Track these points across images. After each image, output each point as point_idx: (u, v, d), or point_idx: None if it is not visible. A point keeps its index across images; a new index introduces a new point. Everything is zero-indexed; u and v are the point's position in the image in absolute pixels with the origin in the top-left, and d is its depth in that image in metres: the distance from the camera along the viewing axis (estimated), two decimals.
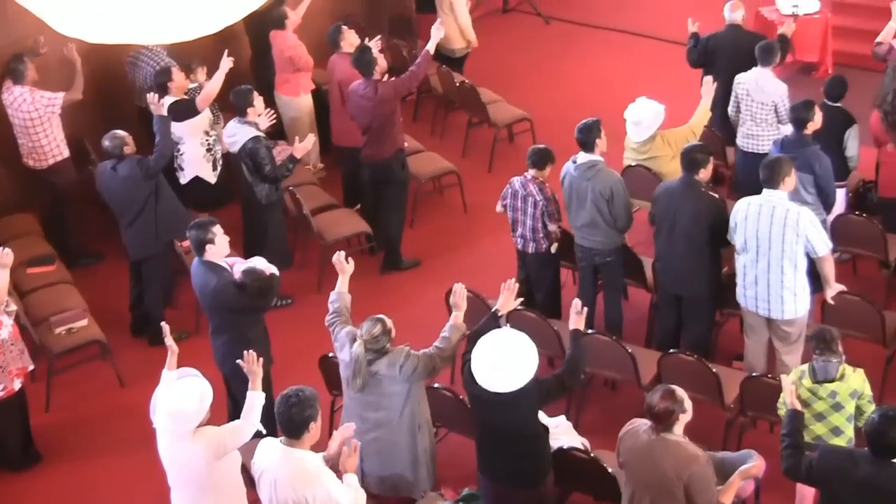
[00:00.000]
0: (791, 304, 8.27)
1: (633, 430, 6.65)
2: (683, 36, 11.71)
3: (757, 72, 10.34)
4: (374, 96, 10.30)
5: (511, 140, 12.98)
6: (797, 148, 9.11)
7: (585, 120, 9.06)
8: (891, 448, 6.08)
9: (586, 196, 8.96)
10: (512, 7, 16.48)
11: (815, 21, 13.61)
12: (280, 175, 10.04)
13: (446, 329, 7.43)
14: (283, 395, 6.39)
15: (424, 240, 11.39)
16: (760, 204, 8.19)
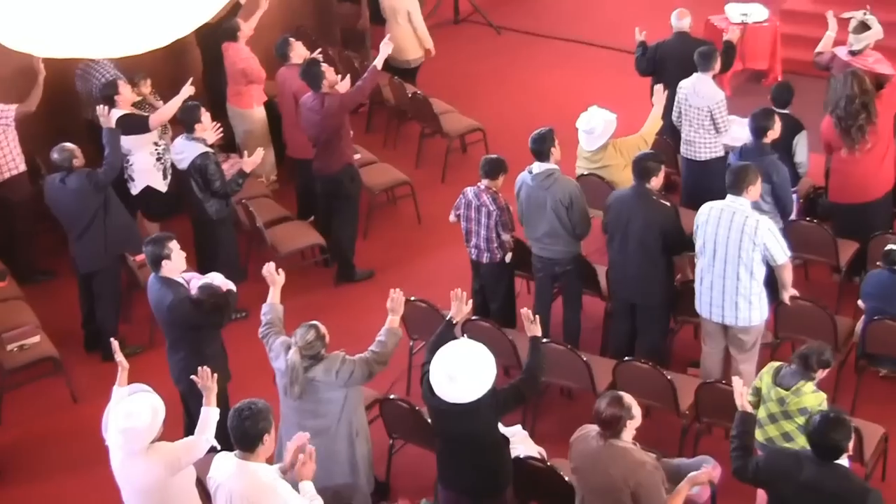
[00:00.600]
0: (746, 312, 8.30)
1: (583, 435, 6.69)
2: (632, 44, 11.77)
3: (696, 77, 10.42)
4: (321, 109, 10.29)
5: (464, 150, 13.00)
6: (756, 157, 9.14)
7: (539, 130, 9.08)
8: (832, 450, 6.15)
9: (545, 205, 8.97)
10: (463, 18, 16.50)
11: (764, 29, 13.71)
12: (230, 190, 10.00)
13: (382, 333, 7.44)
14: (236, 409, 6.37)
15: (378, 251, 11.38)
16: (722, 209, 8.24)
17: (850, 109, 9.43)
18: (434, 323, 8.34)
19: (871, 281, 8.61)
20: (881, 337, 8.57)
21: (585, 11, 16.63)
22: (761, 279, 8.27)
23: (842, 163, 9.71)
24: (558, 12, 16.70)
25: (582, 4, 16.88)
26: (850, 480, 6.20)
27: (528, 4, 17.15)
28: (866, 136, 9.48)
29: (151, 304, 8.22)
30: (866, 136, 9.48)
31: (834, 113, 9.53)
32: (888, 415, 8.53)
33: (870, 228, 9.66)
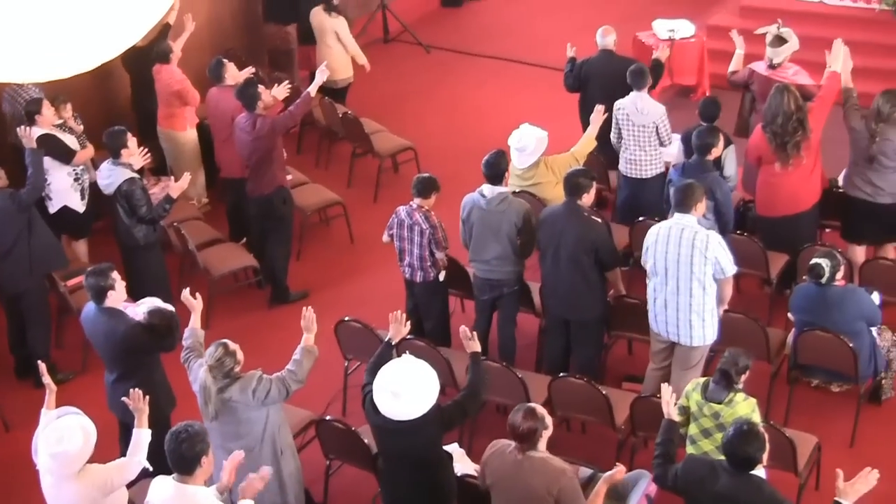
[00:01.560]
0: (699, 331, 8.36)
1: (497, 451, 6.73)
2: (561, 61, 11.84)
3: (634, 96, 10.47)
4: (253, 131, 10.25)
5: (395, 170, 13.00)
6: (699, 173, 9.21)
7: (491, 153, 9.08)
8: (746, 461, 6.23)
9: (500, 228, 8.97)
10: (393, 37, 16.53)
11: (691, 45, 13.86)
12: (156, 216, 9.91)
13: (297, 352, 7.44)
14: (173, 432, 6.32)
15: (312, 271, 11.34)
16: (670, 227, 8.28)
17: (788, 126, 9.50)
18: (368, 342, 8.33)
19: (800, 294, 8.70)
20: (811, 348, 8.65)
21: (514, 29, 16.73)
22: (713, 294, 8.32)
23: (772, 176, 9.80)
24: (487, 30, 16.80)
25: (510, 22, 16.98)
26: (762, 492, 6.28)
27: (456, 23, 17.26)
28: (801, 153, 9.59)
29: (92, 336, 8.15)
30: (801, 151, 9.58)
31: (769, 128, 9.60)
32: (820, 425, 8.64)
33: (798, 241, 9.75)
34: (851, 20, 14.34)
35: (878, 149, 9.56)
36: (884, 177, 9.68)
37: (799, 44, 10.81)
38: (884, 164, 9.62)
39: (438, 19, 17.34)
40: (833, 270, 8.40)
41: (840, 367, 8.61)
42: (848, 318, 8.47)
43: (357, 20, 15.02)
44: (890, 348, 8.91)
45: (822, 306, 8.49)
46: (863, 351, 8.51)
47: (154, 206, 9.85)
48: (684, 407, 7.42)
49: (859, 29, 14.16)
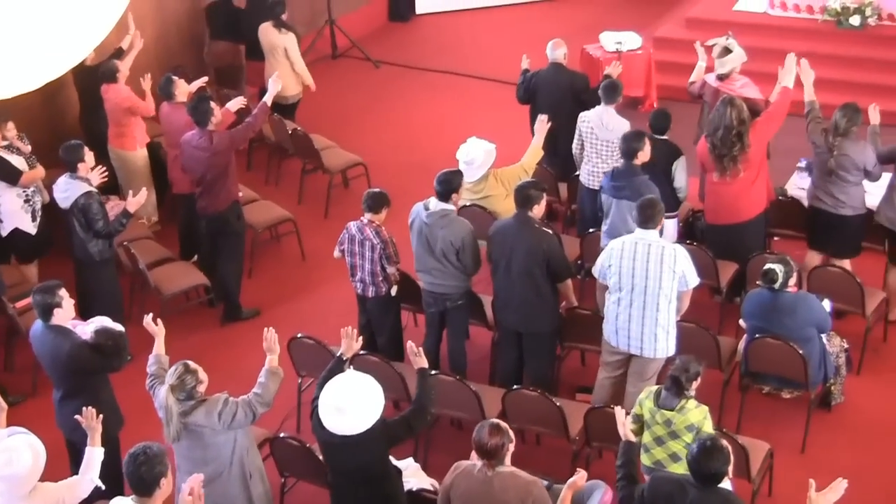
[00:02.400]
0: (663, 343, 8.42)
1: (463, 472, 6.72)
2: (510, 75, 11.90)
3: (601, 109, 10.52)
4: (210, 147, 10.20)
5: (346, 185, 12.98)
6: (627, 178, 9.32)
7: (447, 171, 9.09)
8: (710, 476, 6.25)
9: (436, 244, 8.98)
10: (341, 52, 16.52)
11: (638, 57, 13.96)
12: (113, 230, 9.85)
13: (262, 374, 7.40)
14: (131, 454, 6.27)
15: (264, 289, 11.30)
16: (635, 243, 8.32)
17: (727, 140, 9.59)
18: (322, 359, 8.31)
19: (751, 301, 8.76)
20: (763, 355, 8.72)
21: (463, 43, 16.77)
22: (675, 306, 8.40)
23: (714, 185, 9.90)
24: (436, 44, 16.83)
25: (459, 36, 17.03)
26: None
27: (405, 37, 17.28)
28: (738, 166, 9.66)
29: (40, 355, 8.08)
30: (738, 165, 9.66)
31: (710, 139, 9.69)
32: (773, 431, 8.73)
33: (746, 249, 9.84)
34: (795, 31, 14.51)
35: (836, 163, 9.66)
36: (844, 190, 9.78)
37: (745, 55, 10.90)
38: (843, 177, 9.72)
39: (387, 34, 17.35)
40: (786, 276, 8.48)
41: (791, 373, 8.67)
42: (799, 325, 8.55)
43: (305, 36, 14.98)
44: (839, 354, 9.01)
45: (774, 312, 8.57)
46: (813, 357, 8.59)
47: (111, 220, 9.80)
48: (637, 415, 7.47)
49: (803, 39, 14.31)
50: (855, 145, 9.66)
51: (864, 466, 8.44)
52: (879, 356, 9.74)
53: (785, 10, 14.75)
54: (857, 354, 9.46)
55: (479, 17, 17.67)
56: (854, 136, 9.67)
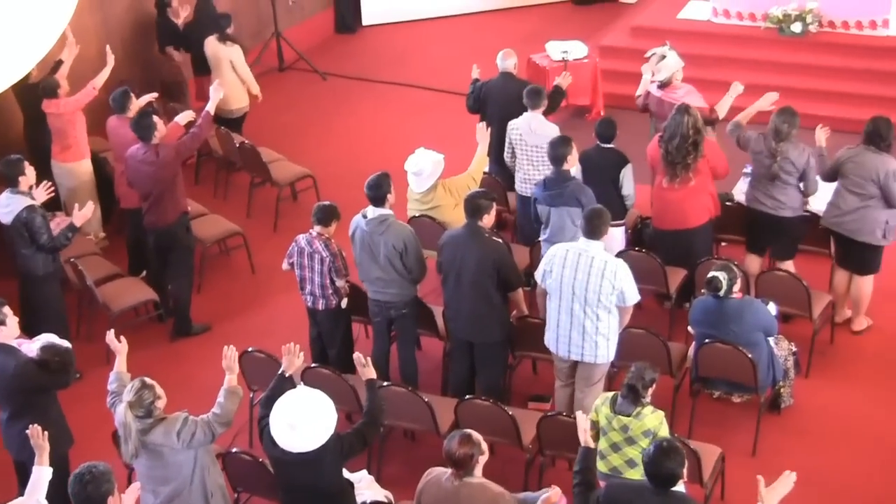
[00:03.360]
0: (604, 349, 8.44)
1: (432, 480, 6.71)
2: (457, 85, 11.93)
3: (528, 116, 10.57)
4: (156, 160, 10.15)
5: (294, 198, 12.95)
6: (560, 184, 9.38)
7: (374, 175, 9.08)
8: (667, 478, 6.28)
9: (379, 251, 8.98)
10: (288, 65, 16.49)
11: (584, 66, 14.03)
12: (58, 244, 9.78)
13: (221, 394, 7.35)
14: (76, 474, 6.23)
15: (214, 303, 11.25)
16: (579, 253, 8.33)
17: (682, 147, 9.65)
18: (273, 373, 8.23)
19: (698, 307, 8.82)
20: (712, 360, 8.78)
21: (410, 54, 16.80)
22: (616, 315, 8.44)
23: (662, 191, 9.96)
24: (383, 56, 16.84)
25: (406, 47, 17.05)
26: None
27: (352, 49, 17.28)
28: (690, 174, 9.74)
29: None
30: (690, 173, 9.74)
31: (664, 145, 9.74)
32: (724, 436, 8.78)
33: (694, 255, 9.91)
34: (739, 38, 14.66)
35: (779, 167, 9.77)
36: (784, 191, 9.88)
37: (682, 61, 10.98)
38: (784, 179, 9.83)
39: (334, 46, 17.33)
40: (730, 283, 8.52)
41: (740, 377, 8.73)
42: (746, 330, 8.60)
43: (251, 49, 14.95)
44: (787, 357, 9.08)
45: (721, 318, 8.62)
46: (761, 361, 8.65)
47: (56, 234, 9.72)
48: (593, 421, 7.49)
49: (746, 47, 14.50)
50: (796, 148, 9.78)
51: (814, 467, 8.51)
52: (827, 358, 9.84)
53: (728, 17, 14.89)
54: (804, 357, 9.55)
55: (426, 27, 17.71)
56: (795, 140, 9.78)
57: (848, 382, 9.63)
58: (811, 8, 14.23)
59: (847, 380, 9.66)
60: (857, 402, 9.40)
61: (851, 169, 9.66)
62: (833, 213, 9.90)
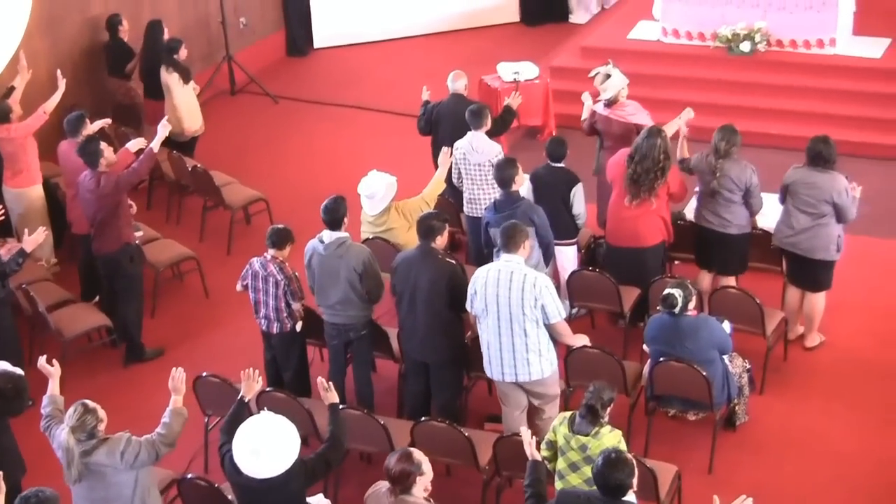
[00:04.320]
0: (538, 366, 8.42)
1: (374, 492, 6.75)
2: (409, 107, 11.93)
3: (471, 135, 10.61)
4: (96, 189, 10.11)
5: (248, 221, 12.90)
6: (510, 206, 9.40)
7: (330, 199, 9.07)
8: (617, 488, 6.34)
9: (339, 273, 8.96)
10: (240, 88, 16.43)
11: (535, 86, 14.07)
12: (8, 270, 9.68)
13: (166, 415, 7.33)
14: (22, 497, 6.23)
15: (167, 328, 11.18)
16: (499, 269, 8.35)
17: (651, 170, 9.71)
18: (228, 397, 8.24)
19: (653, 325, 8.85)
20: (667, 378, 8.80)
21: (362, 76, 16.78)
22: (545, 330, 8.43)
23: (618, 208, 10.00)
24: (335, 78, 16.83)
25: (358, 69, 17.03)
26: None
27: (304, 72, 17.25)
28: (652, 198, 9.80)
29: None
30: (652, 196, 9.80)
31: (633, 164, 9.77)
32: (679, 453, 8.81)
33: (647, 274, 9.95)
34: (688, 58, 14.76)
35: (719, 184, 9.85)
36: (729, 209, 9.97)
37: (626, 78, 11.02)
38: (727, 197, 9.92)
39: (285, 69, 17.30)
40: (685, 300, 8.57)
41: (695, 395, 8.76)
42: (701, 347, 8.63)
43: (203, 72, 14.91)
44: (741, 374, 9.12)
45: (676, 336, 8.65)
46: (716, 379, 8.69)
47: (6, 260, 9.63)
48: (551, 441, 7.52)
49: (696, 66, 14.60)
50: (736, 165, 9.88)
51: (769, 484, 8.57)
52: (781, 374, 9.89)
53: (678, 37, 14.99)
54: (759, 374, 9.60)
55: (378, 49, 17.70)
56: (735, 157, 9.88)
57: (802, 398, 9.69)
58: (759, 27, 14.37)
59: (801, 395, 9.72)
60: (811, 417, 9.46)
61: (803, 190, 9.73)
62: (785, 234, 9.97)
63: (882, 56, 14.37)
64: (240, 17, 16.59)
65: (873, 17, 14.87)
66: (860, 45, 14.51)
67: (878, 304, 10.79)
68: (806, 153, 9.80)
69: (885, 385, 9.77)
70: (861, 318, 10.60)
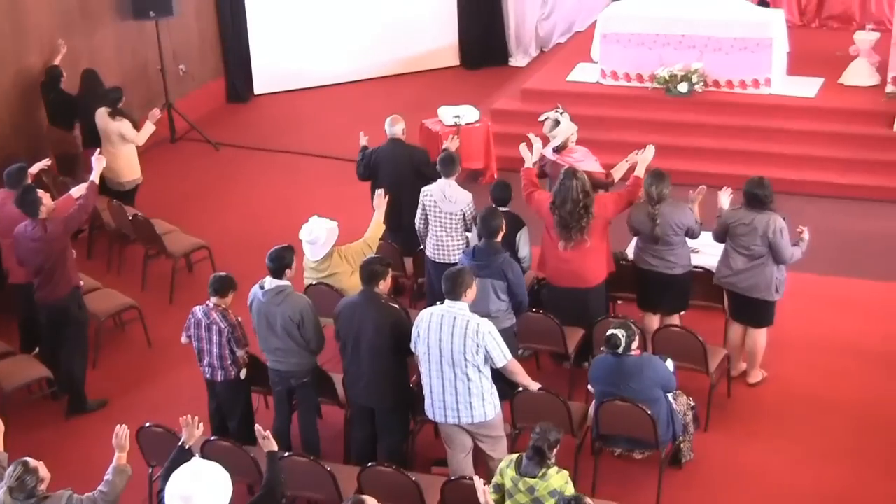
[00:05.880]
0: (480, 409, 8.44)
1: None
2: (350, 152, 11.94)
3: (442, 183, 10.62)
4: (44, 235, 10.01)
5: (190, 269, 12.82)
6: (488, 256, 9.38)
7: (277, 247, 9.06)
8: None
9: (276, 321, 8.94)
10: (180, 136, 16.39)
11: (476, 129, 14.15)
12: None
13: (109, 472, 7.24)
14: None
15: (110, 379, 11.04)
16: (442, 315, 8.36)
17: (574, 213, 9.75)
18: (172, 447, 8.13)
19: (597, 365, 8.86)
20: (612, 418, 8.81)
21: (303, 122, 16.81)
22: (489, 375, 8.45)
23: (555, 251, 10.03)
24: (276, 124, 16.83)
25: (299, 116, 17.06)
26: None
27: (244, 118, 17.25)
28: (585, 237, 9.84)
29: None
30: (585, 235, 9.84)
31: (557, 211, 9.82)
32: (626, 493, 8.83)
33: (591, 314, 10.00)
34: (627, 99, 14.91)
35: (661, 230, 9.94)
36: (673, 251, 10.06)
37: (575, 124, 11.08)
38: (670, 240, 10.00)
39: (226, 115, 17.28)
40: (629, 340, 8.59)
41: (640, 434, 8.77)
42: (645, 386, 8.65)
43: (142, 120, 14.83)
44: (686, 412, 9.15)
45: (620, 376, 8.66)
46: (661, 417, 8.71)
47: None
48: (499, 484, 7.52)
49: (635, 107, 14.76)
50: (674, 208, 9.98)
51: None
52: (725, 411, 9.94)
53: (616, 79, 15.14)
54: (703, 411, 9.64)
55: (318, 95, 17.75)
56: (670, 200, 9.97)
57: (747, 434, 9.73)
58: (696, 68, 14.55)
59: (746, 432, 9.77)
60: (756, 453, 9.50)
61: (740, 231, 9.82)
62: (724, 274, 10.05)
63: (816, 95, 14.62)
64: (179, 64, 16.57)
65: (806, 58, 15.14)
66: (794, 85, 14.76)
67: (819, 338, 10.89)
68: (742, 195, 9.90)
69: (827, 419, 9.85)
70: (802, 353, 10.69)
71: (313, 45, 17.85)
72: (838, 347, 10.76)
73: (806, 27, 17.39)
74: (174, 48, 16.39)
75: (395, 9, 17.98)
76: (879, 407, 9.97)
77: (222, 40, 17.59)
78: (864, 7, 17.19)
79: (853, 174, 13.70)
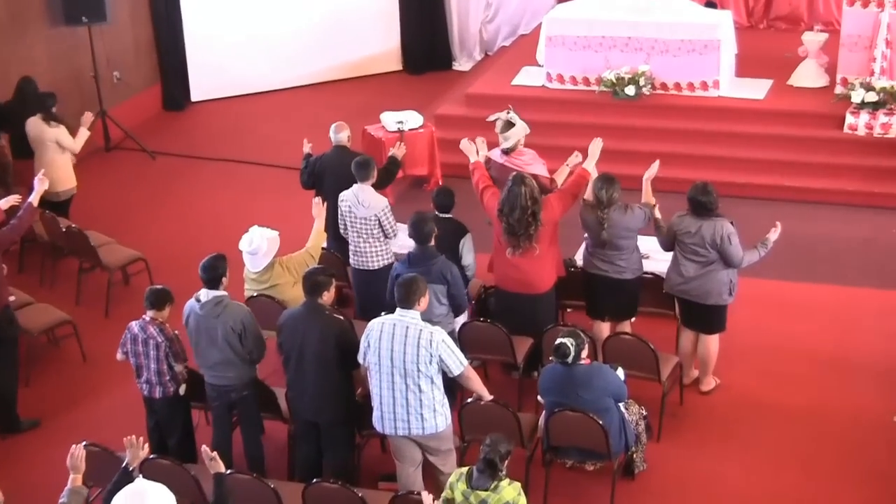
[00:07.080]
0: (431, 421, 8.33)
1: None
2: (290, 160, 11.78)
3: (356, 188, 10.48)
4: None
5: (126, 282, 12.56)
6: (426, 262, 9.28)
7: (209, 257, 8.92)
8: None
9: (216, 334, 8.77)
10: (115, 145, 16.13)
11: (420, 135, 14.02)
12: None
13: (64, 494, 7.11)
14: None
15: (43, 396, 10.77)
16: (394, 324, 8.23)
17: (522, 220, 9.64)
18: (110, 467, 7.95)
19: (547, 376, 8.75)
20: (563, 429, 8.69)
21: (242, 130, 16.65)
22: (442, 386, 8.33)
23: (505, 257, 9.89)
24: (215, 133, 16.67)
25: (238, 123, 16.91)
26: None
27: (182, 126, 17.07)
28: (534, 244, 9.72)
29: None
30: (534, 243, 9.72)
31: (505, 218, 9.69)
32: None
33: (540, 322, 9.87)
34: (574, 103, 14.87)
35: (608, 234, 9.85)
36: (622, 256, 9.98)
37: (528, 127, 10.96)
38: (619, 245, 9.92)
39: (162, 124, 17.06)
40: (578, 349, 8.49)
41: (592, 444, 8.67)
42: (596, 396, 8.55)
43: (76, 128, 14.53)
44: (638, 422, 9.06)
45: (570, 385, 8.55)
46: (612, 427, 8.61)
47: None
48: (449, 499, 7.43)
49: (581, 111, 14.69)
50: (622, 213, 9.88)
51: None
52: (678, 420, 9.86)
53: (562, 83, 15.05)
54: (655, 420, 9.55)
55: (257, 102, 17.58)
56: (619, 205, 9.88)
57: (700, 443, 9.66)
58: (643, 71, 14.48)
59: (699, 440, 9.69)
60: (710, 461, 9.43)
61: (688, 238, 9.75)
62: (676, 282, 9.97)
63: (765, 97, 14.61)
64: (113, 71, 16.34)
65: (755, 59, 15.15)
66: (743, 87, 14.78)
67: (771, 344, 10.84)
68: (687, 202, 9.79)
69: (780, 426, 9.80)
70: (754, 359, 10.63)
71: (252, 50, 17.62)
72: (790, 353, 10.73)
73: (754, 28, 17.48)
74: (108, 55, 16.13)
75: (336, 13, 17.81)
76: (832, 413, 9.94)
77: (158, 46, 17.33)
78: (811, 8, 17.31)
79: (803, 177, 13.68)
